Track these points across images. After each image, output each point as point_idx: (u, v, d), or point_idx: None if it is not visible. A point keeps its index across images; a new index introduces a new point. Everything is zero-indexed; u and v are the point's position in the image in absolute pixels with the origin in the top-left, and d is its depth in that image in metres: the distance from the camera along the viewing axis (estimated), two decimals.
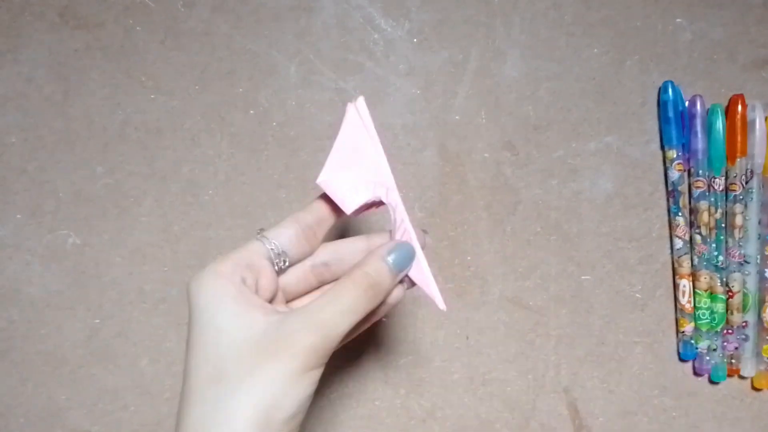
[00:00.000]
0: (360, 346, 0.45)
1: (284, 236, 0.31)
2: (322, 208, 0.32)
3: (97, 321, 0.45)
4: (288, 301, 0.32)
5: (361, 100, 0.31)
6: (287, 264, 0.31)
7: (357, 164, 0.31)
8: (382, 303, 0.30)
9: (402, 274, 0.30)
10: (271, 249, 0.30)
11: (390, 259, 0.30)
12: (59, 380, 0.45)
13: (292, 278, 0.32)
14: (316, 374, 0.27)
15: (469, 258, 0.46)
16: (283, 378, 0.26)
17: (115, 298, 0.45)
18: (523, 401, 0.45)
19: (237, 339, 0.26)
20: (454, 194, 0.46)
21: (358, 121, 0.31)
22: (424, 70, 0.47)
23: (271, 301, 0.30)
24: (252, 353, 0.26)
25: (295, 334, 0.26)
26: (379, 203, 0.32)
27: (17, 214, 0.45)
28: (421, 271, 0.31)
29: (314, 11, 0.47)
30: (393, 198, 0.31)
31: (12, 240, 0.45)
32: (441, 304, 0.31)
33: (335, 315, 0.27)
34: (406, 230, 0.31)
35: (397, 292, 0.31)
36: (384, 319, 0.45)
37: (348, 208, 0.31)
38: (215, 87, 0.46)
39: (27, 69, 0.46)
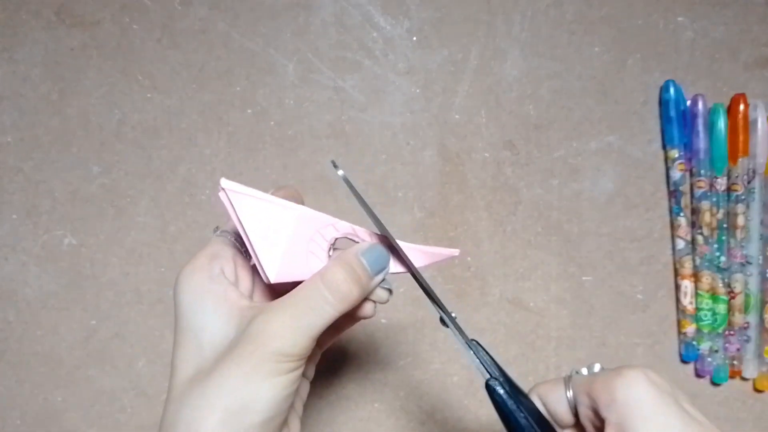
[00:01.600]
0: (359, 348, 0.45)
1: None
2: (282, 192, 0.30)
3: (94, 322, 0.44)
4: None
5: (223, 182, 0.27)
6: None
7: (283, 235, 0.28)
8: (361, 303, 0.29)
9: (377, 278, 0.28)
10: (234, 239, 0.30)
11: (363, 257, 0.28)
12: (56, 381, 0.44)
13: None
14: (291, 377, 0.26)
15: (469, 258, 0.45)
16: (256, 379, 0.25)
17: (112, 298, 0.45)
18: None
19: (215, 339, 0.26)
20: (454, 194, 0.46)
21: (243, 202, 0.27)
22: (424, 69, 0.46)
23: (252, 290, 0.30)
24: (226, 354, 0.25)
25: (267, 332, 0.25)
26: (343, 238, 0.30)
27: (13, 214, 0.45)
28: (406, 258, 0.29)
29: (313, 9, 0.46)
30: (342, 226, 0.29)
31: (8, 240, 0.45)
32: (453, 251, 0.30)
33: (305, 311, 0.26)
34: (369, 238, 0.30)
35: (368, 308, 0.30)
36: (383, 321, 0.45)
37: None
38: (212, 86, 0.46)
39: (23, 68, 0.46)
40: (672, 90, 0.45)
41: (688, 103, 0.45)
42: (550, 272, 0.45)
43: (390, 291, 0.30)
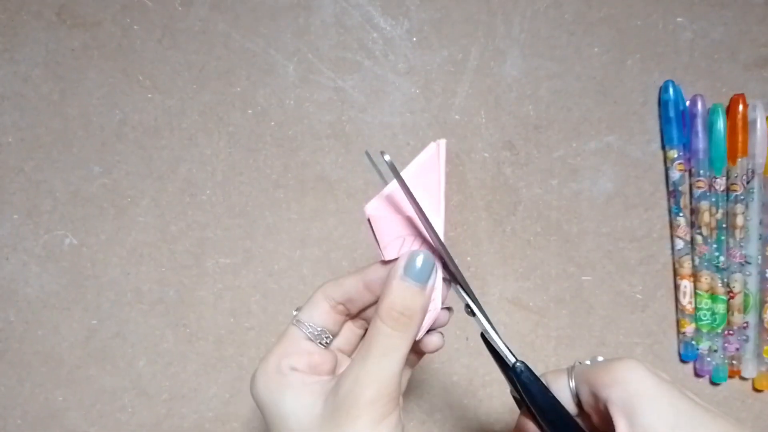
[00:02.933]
0: None
1: (316, 316, 0.30)
2: (352, 285, 0.29)
3: (95, 322, 0.45)
4: (350, 355, 0.32)
5: (443, 144, 0.28)
6: (332, 338, 0.30)
7: (411, 209, 0.28)
8: (430, 329, 0.29)
9: (429, 284, 0.27)
10: (309, 332, 0.29)
11: (406, 275, 0.27)
12: (57, 381, 0.44)
13: (342, 339, 0.31)
14: (391, 421, 0.26)
15: (469, 258, 0.45)
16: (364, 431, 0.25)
17: (113, 298, 0.45)
18: None
19: (303, 420, 0.27)
20: (454, 194, 0.46)
21: (435, 164, 0.28)
22: (424, 69, 0.46)
23: (335, 368, 0.30)
24: (322, 427, 0.26)
25: (352, 394, 0.26)
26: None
27: (14, 214, 0.45)
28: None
29: (313, 10, 0.46)
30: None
31: (9, 240, 0.45)
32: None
33: (377, 359, 0.26)
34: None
35: (435, 341, 0.30)
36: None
37: (387, 255, 0.28)
38: (213, 86, 0.46)
39: (24, 68, 0.46)
40: (671, 90, 0.45)
41: (688, 103, 0.45)
42: (550, 272, 0.45)
43: (450, 309, 0.30)
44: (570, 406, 0.29)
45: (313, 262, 0.45)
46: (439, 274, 0.28)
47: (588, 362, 0.30)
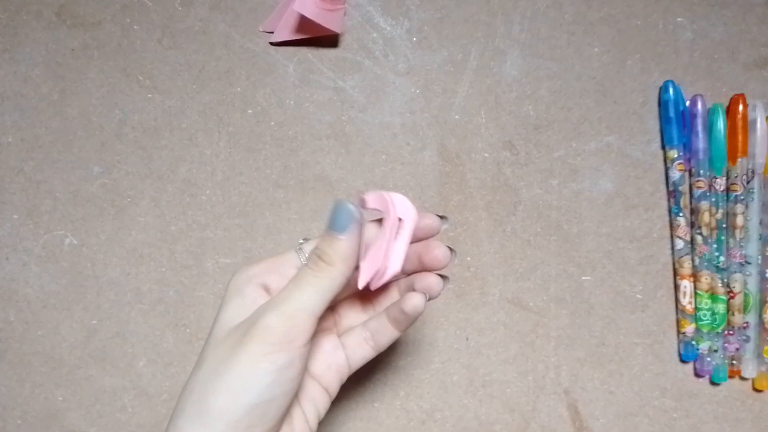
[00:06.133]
0: None
1: None
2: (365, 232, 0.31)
3: (95, 322, 0.45)
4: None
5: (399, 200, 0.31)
6: None
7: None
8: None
9: (343, 238, 0.29)
10: (304, 260, 0.31)
11: (328, 224, 0.29)
12: (56, 381, 0.44)
13: None
14: (278, 358, 0.27)
15: (469, 258, 0.45)
16: (245, 362, 0.27)
17: (113, 298, 0.45)
18: (523, 403, 0.45)
19: (224, 329, 0.29)
20: (454, 194, 0.46)
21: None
22: (424, 69, 0.46)
23: None
24: (227, 340, 0.28)
25: (261, 318, 0.27)
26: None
27: (14, 214, 0.45)
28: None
29: None
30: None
31: (9, 240, 0.45)
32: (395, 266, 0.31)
33: (288, 291, 0.28)
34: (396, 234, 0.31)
35: (415, 301, 0.31)
36: None
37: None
38: (213, 86, 0.46)
39: (24, 68, 0.46)
40: (671, 90, 0.45)
41: (688, 103, 0.45)
42: (550, 272, 0.45)
43: (442, 217, 0.32)
44: None
45: None
46: (388, 233, 0.30)
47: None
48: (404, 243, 0.30)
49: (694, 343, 0.44)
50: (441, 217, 0.32)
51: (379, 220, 0.32)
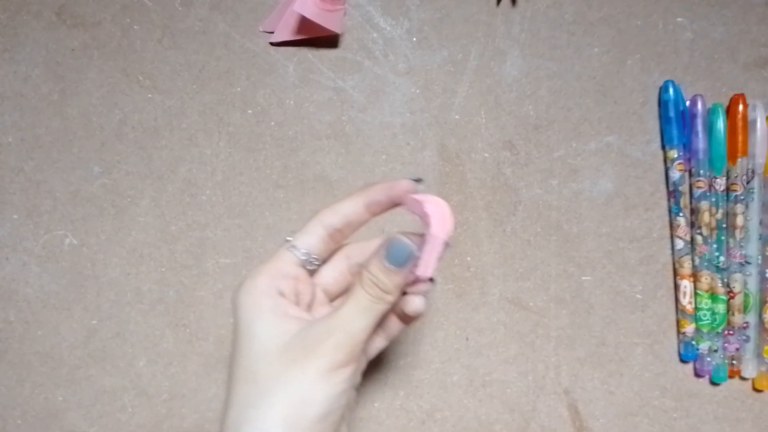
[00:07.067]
0: None
1: (311, 242, 0.32)
2: (351, 210, 0.32)
3: (95, 322, 0.45)
4: (332, 300, 0.35)
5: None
6: (319, 263, 0.33)
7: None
8: (408, 317, 0.32)
9: (401, 271, 0.30)
10: (301, 257, 0.32)
11: (386, 258, 0.30)
12: (56, 381, 0.44)
13: (331, 279, 0.34)
14: (345, 372, 0.29)
15: (469, 258, 0.45)
16: (311, 377, 0.28)
17: (113, 298, 0.45)
18: (523, 403, 0.45)
19: (269, 345, 0.29)
20: (454, 194, 0.46)
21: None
22: (424, 69, 0.46)
23: (311, 302, 0.33)
24: (282, 357, 0.28)
25: (319, 336, 0.29)
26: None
27: (14, 214, 0.45)
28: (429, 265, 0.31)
29: None
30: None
31: (9, 240, 0.45)
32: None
33: (350, 314, 0.29)
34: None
35: (416, 303, 0.32)
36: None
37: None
38: (213, 86, 0.46)
39: (24, 68, 0.46)
40: (671, 90, 0.45)
41: (688, 103, 0.45)
42: (550, 272, 0.45)
43: (431, 280, 0.32)
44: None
45: None
46: (428, 254, 0.30)
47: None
48: (435, 254, 0.31)
49: (694, 343, 0.44)
50: (417, 180, 0.32)
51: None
